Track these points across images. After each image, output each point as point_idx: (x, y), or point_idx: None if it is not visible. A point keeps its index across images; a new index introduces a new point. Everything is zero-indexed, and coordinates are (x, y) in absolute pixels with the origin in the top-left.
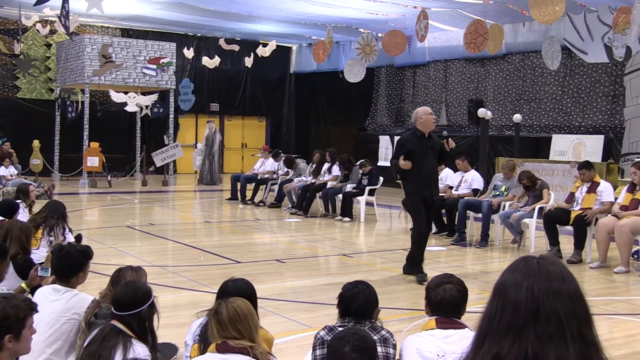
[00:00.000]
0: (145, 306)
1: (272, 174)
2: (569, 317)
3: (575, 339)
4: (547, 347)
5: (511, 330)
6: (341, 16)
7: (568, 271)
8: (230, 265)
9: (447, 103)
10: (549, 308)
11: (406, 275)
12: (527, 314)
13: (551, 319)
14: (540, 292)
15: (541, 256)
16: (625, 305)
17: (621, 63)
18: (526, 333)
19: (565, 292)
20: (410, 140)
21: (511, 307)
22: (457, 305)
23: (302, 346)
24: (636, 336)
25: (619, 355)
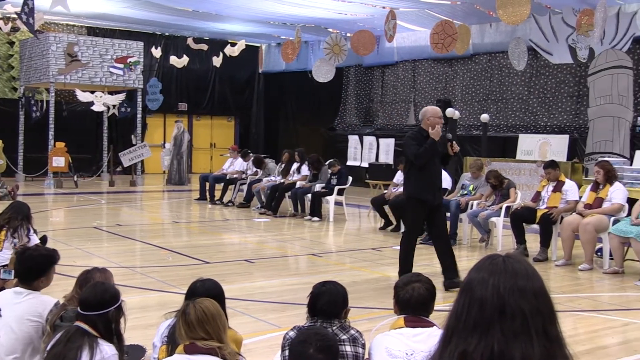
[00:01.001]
0: (112, 308)
1: (241, 173)
2: (534, 314)
3: (540, 336)
4: (513, 344)
5: (477, 327)
6: (310, 16)
7: (533, 269)
8: (199, 265)
9: (416, 103)
10: (514, 305)
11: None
12: (493, 312)
13: (516, 316)
14: (505, 289)
15: (507, 254)
16: (588, 301)
17: (585, 64)
18: (492, 330)
19: (530, 289)
20: (417, 139)
21: (477, 305)
22: (426, 303)
23: (272, 346)
24: (599, 332)
25: (582, 350)
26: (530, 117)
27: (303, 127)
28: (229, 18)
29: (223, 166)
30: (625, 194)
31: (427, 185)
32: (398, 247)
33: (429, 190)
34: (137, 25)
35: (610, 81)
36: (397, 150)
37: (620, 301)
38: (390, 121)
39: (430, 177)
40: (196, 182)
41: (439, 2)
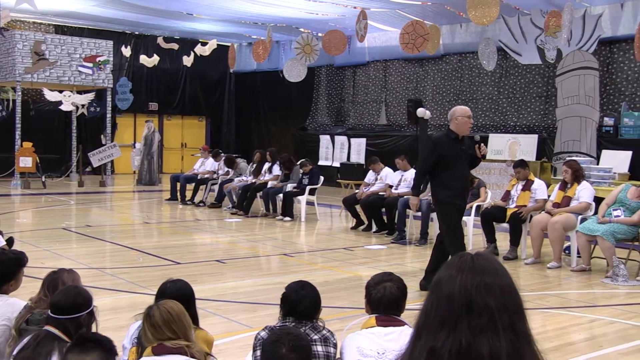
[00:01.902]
0: (84, 312)
1: (212, 173)
2: (501, 310)
3: (507, 331)
4: (480, 339)
5: (445, 323)
6: (281, 15)
7: (502, 267)
8: (170, 266)
9: (387, 103)
10: (481, 301)
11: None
12: (460, 308)
13: (483, 312)
14: (473, 286)
15: (476, 253)
16: (557, 299)
17: (553, 65)
18: (460, 326)
19: (497, 285)
20: (443, 142)
21: (445, 301)
22: (397, 302)
23: (243, 347)
24: (567, 328)
25: (551, 347)
26: (499, 117)
27: (275, 127)
28: (200, 17)
29: (194, 166)
30: (592, 193)
31: (459, 189)
32: (370, 247)
33: (461, 194)
34: (106, 24)
35: (577, 82)
36: (368, 149)
37: (587, 298)
38: (362, 121)
39: (461, 181)
40: (167, 182)
41: (410, 2)
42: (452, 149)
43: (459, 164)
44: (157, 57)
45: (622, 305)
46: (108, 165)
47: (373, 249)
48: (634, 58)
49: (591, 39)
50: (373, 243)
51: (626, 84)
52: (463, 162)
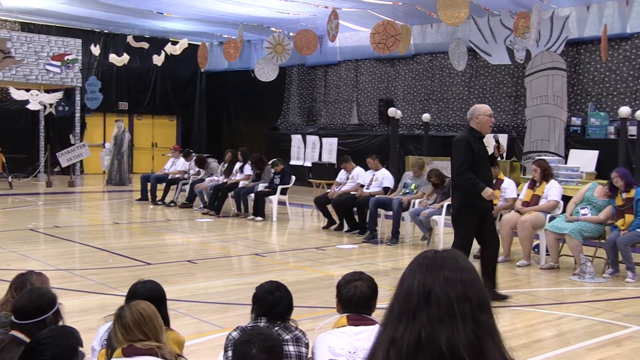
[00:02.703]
0: (49, 313)
1: (183, 173)
2: (460, 300)
3: (467, 321)
4: (439, 329)
5: (404, 315)
6: (252, 15)
7: (465, 261)
8: (141, 267)
9: (358, 102)
10: (439, 292)
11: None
12: (418, 299)
13: (441, 302)
14: (432, 278)
15: (442, 249)
16: (526, 297)
17: (522, 65)
18: (418, 316)
19: (457, 278)
20: (473, 141)
21: (404, 294)
22: (368, 300)
23: (215, 347)
24: (536, 326)
25: (520, 344)
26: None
27: (246, 127)
28: (170, 16)
29: (165, 166)
30: (561, 191)
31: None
32: (342, 246)
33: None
34: (74, 22)
35: (546, 82)
36: (340, 149)
37: (555, 295)
38: (333, 120)
39: (484, 181)
40: (137, 182)
41: (381, 2)
42: (478, 148)
43: (484, 165)
44: (127, 56)
45: (588, 302)
46: (77, 165)
47: (345, 248)
48: (600, 59)
49: (559, 40)
50: (345, 242)
51: (593, 85)
52: (486, 163)
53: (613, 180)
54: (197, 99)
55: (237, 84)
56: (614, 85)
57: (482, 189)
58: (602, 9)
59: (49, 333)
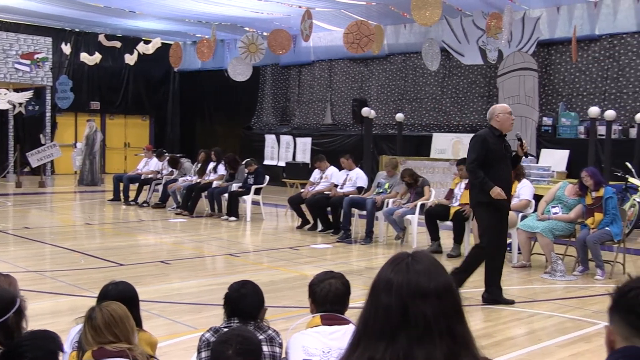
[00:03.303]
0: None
1: (156, 173)
2: (437, 317)
3: (444, 338)
4: (417, 350)
5: (384, 335)
6: (226, 14)
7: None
8: (113, 268)
9: (332, 102)
10: (417, 311)
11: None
12: (397, 319)
13: (419, 322)
14: (408, 295)
15: (412, 255)
16: None
17: (494, 65)
18: (398, 337)
19: (433, 291)
20: (491, 139)
21: (383, 312)
22: (343, 297)
23: (188, 348)
24: (508, 324)
25: (492, 342)
26: (443, 117)
27: (220, 127)
28: (143, 15)
29: (137, 166)
30: (532, 191)
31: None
32: (316, 246)
33: (505, 193)
34: (44, 20)
35: (518, 82)
36: (313, 149)
37: (527, 293)
38: (307, 120)
39: (506, 180)
40: (110, 182)
41: (354, 2)
42: (497, 146)
43: (503, 163)
44: (99, 55)
45: (559, 300)
46: (48, 165)
47: (319, 248)
48: (570, 60)
49: (530, 41)
50: (319, 242)
51: (563, 85)
52: (507, 161)
53: (583, 180)
54: (170, 99)
55: (211, 83)
56: (584, 86)
57: (490, 188)
58: (572, 10)
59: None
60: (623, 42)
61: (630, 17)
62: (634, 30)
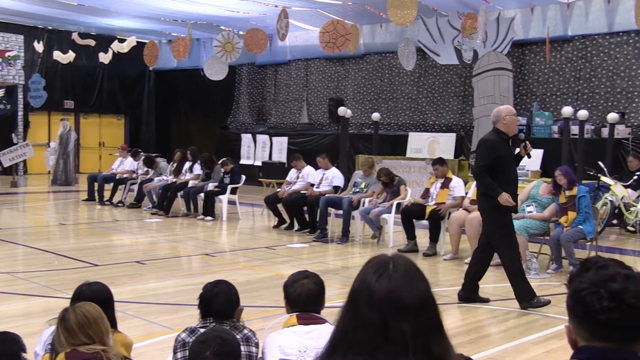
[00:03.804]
0: None
1: (131, 173)
2: (414, 335)
3: (419, 354)
4: None
5: (364, 350)
6: (202, 13)
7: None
8: (87, 268)
9: (308, 102)
10: (396, 327)
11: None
12: (376, 335)
13: (397, 340)
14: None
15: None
16: None
17: (469, 65)
18: (376, 354)
19: (412, 306)
20: (500, 144)
21: (364, 327)
22: (316, 297)
23: (164, 349)
24: (483, 321)
25: (468, 340)
26: (419, 116)
27: (195, 126)
28: (117, 13)
29: (112, 166)
30: None
31: (513, 193)
32: (292, 245)
33: (514, 198)
34: (16, 18)
35: (493, 82)
36: (290, 148)
37: (502, 291)
38: (284, 120)
39: (513, 185)
40: (84, 182)
41: (331, 2)
42: (506, 151)
43: (511, 167)
44: (73, 54)
45: None
46: (20, 165)
47: (295, 247)
48: (544, 60)
49: (505, 41)
50: (295, 242)
51: (537, 85)
52: (512, 165)
53: (557, 178)
54: (145, 98)
55: (187, 82)
56: (557, 86)
57: (498, 194)
58: (546, 11)
59: None
60: (595, 43)
61: (601, 18)
62: (605, 32)
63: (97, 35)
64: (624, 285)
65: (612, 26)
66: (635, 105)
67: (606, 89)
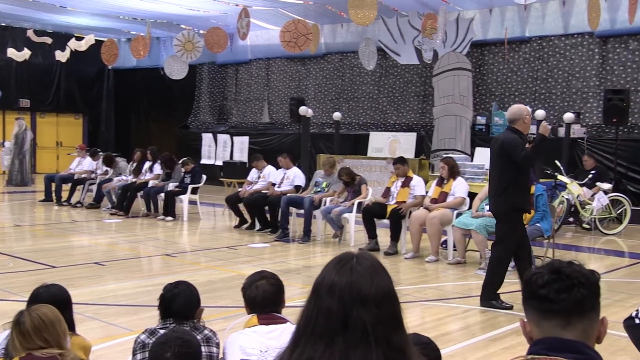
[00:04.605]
0: None
1: (90, 173)
2: (375, 324)
3: (380, 345)
4: (353, 354)
5: (324, 336)
6: (161, 11)
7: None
8: (45, 270)
9: (270, 101)
10: (357, 316)
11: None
12: (337, 322)
13: (358, 328)
14: (350, 299)
15: (356, 256)
16: (435, 291)
17: (430, 65)
18: (336, 340)
19: (373, 297)
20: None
21: (324, 315)
22: (273, 299)
23: (124, 351)
24: (444, 319)
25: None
26: (380, 116)
27: (155, 125)
28: (75, 11)
29: (70, 166)
30: (467, 188)
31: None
32: (254, 245)
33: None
34: None
35: (452, 82)
36: (251, 148)
37: (462, 289)
38: (245, 119)
39: (527, 184)
40: (41, 182)
41: (292, 1)
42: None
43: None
44: (28, 51)
45: None
46: None
47: (256, 247)
48: (502, 60)
49: (464, 42)
50: (256, 241)
51: (496, 85)
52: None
53: None
54: (104, 97)
55: (146, 81)
56: (515, 86)
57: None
58: (504, 12)
59: None
60: (551, 44)
61: (557, 20)
62: (560, 33)
63: (53, 32)
64: (565, 265)
65: (567, 28)
66: (590, 106)
67: (562, 89)
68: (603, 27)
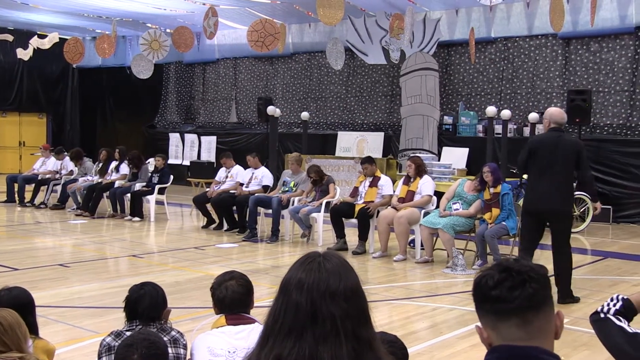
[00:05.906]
0: None
1: (55, 173)
2: (344, 318)
3: (349, 338)
4: (323, 348)
5: (292, 332)
6: (127, 10)
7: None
8: (7, 273)
9: (237, 101)
10: (325, 311)
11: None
12: (305, 317)
13: (327, 321)
14: (318, 294)
15: (323, 255)
16: (402, 290)
17: (397, 65)
18: (305, 335)
19: (341, 293)
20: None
21: (292, 310)
22: (242, 299)
23: (89, 354)
24: (411, 318)
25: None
26: (348, 115)
27: (121, 125)
28: (37, 8)
29: (34, 166)
30: (433, 186)
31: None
32: (222, 245)
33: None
34: None
35: (420, 82)
36: (219, 147)
37: (430, 288)
38: (212, 119)
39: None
40: (3, 183)
41: (260, 0)
42: None
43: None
44: None
45: (460, 293)
46: None
47: (224, 247)
48: (469, 61)
49: (431, 42)
50: (224, 241)
51: (462, 85)
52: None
53: (484, 175)
54: (68, 96)
55: (112, 80)
56: (482, 86)
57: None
58: (470, 13)
59: None
60: (516, 44)
61: (521, 21)
62: (525, 34)
63: (15, 30)
64: (512, 262)
65: (531, 29)
66: (554, 106)
67: (527, 89)
68: (566, 28)
